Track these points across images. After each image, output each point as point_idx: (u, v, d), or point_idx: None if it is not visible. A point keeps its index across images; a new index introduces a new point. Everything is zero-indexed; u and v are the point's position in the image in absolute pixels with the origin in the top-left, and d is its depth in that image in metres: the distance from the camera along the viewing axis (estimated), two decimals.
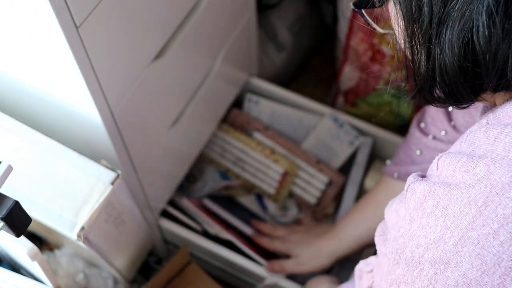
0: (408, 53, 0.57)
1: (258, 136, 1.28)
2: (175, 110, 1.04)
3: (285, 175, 1.24)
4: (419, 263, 0.53)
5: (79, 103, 0.83)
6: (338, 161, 1.29)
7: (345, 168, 1.30)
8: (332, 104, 1.44)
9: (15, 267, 0.96)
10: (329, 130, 1.30)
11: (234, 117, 1.30)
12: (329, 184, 1.26)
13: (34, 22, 0.71)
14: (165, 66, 0.94)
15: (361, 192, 1.26)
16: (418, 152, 0.97)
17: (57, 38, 0.70)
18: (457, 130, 0.92)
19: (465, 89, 0.54)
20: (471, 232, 0.50)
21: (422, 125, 0.98)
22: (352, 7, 0.61)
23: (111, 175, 0.86)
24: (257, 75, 1.35)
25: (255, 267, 1.14)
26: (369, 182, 1.26)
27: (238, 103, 1.33)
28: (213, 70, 1.11)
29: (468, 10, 0.49)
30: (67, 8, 0.68)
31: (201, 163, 1.27)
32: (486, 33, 0.49)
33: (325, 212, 1.26)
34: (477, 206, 0.50)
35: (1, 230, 0.65)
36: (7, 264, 0.98)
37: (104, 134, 0.86)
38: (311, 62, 1.60)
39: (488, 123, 0.55)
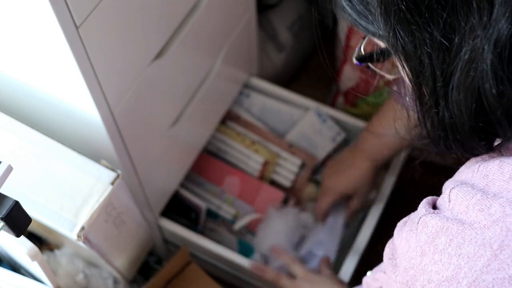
0: (419, 115, 0.55)
1: (231, 124, 1.30)
2: (175, 110, 1.04)
3: (265, 164, 1.25)
4: None
5: (79, 103, 0.83)
6: (319, 156, 1.30)
7: None
8: (332, 104, 1.44)
9: (15, 267, 0.96)
10: (312, 125, 1.31)
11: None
12: (302, 166, 1.28)
13: (34, 22, 0.71)
14: (165, 66, 0.94)
15: None
16: None
17: (57, 38, 0.70)
18: None
19: (480, 145, 0.53)
20: (485, 276, 0.49)
21: None
22: (355, 62, 0.60)
23: (111, 175, 0.85)
24: (257, 75, 1.35)
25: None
26: None
27: None
28: (213, 70, 1.11)
29: (472, 70, 0.47)
30: (67, 8, 0.68)
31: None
32: (494, 91, 0.47)
33: (302, 194, 1.28)
34: (492, 249, 0.49)
35: (1, 230, 0.65)
36: (7, 264, 0.98)
37: (104, 134, 0.86)
38: (311, 62, 1.60)
39: (501, 152, 0.53)
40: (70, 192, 0.84)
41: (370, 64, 0.59)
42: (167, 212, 1.21)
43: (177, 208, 1.24)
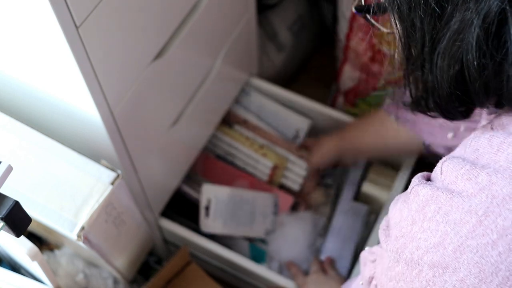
0: (404, 73, 0.57)
1: (238, 129, 1.30)
2: (175, 110, 1.04)
3: (274, 168, 1.25)
4: (418, 264, 0.54)
5: (79, 103, 0.83)
6: None
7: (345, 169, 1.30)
8: (332, 104, 1.44)
9: (15, 267, 0.96)
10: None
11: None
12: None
13: (34, 22, 0.71)
14: (165, 66, 0.94)
15: (358, 193, 1.26)
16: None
17: (57, 38, 0.70)
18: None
19: (458, 112, 0.56)
20: (470, 241, 0.51)
21: None
22: (354, 11, 0.62)
23: (111, 175, 0.86)
24: (257, 75, 1.35)
25: (255, 267, 1.14)
26: (367, 186, 1.26)
27: None
28: (213, 70, 1.11)
29: (458, 40, 0.50)
30: (67, 8, 0.68)
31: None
32: (476, 63, 0.49)
33: (311, 199, 1.28)
34: (478, 216, 0.51)
35: (1, 230, 0.65)
36: (7, 264, 0.98)
37: (104, 134, 0.86)
38: (311, 62, 1.60)
39: (492, 129, 0.56)
40: (70, 192, 0.84)
41: (367, 15, 0.61)
42: (168, 212, 1.21)
43: (182, 207, 1.24)
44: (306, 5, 1.50)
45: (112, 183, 0.85)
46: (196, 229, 1.21)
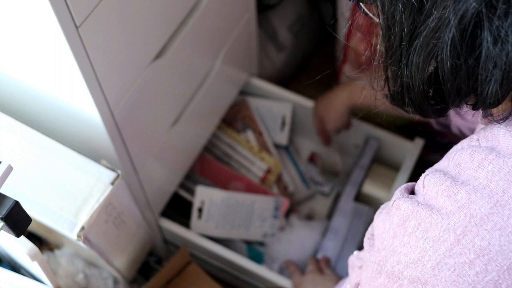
0: (383, 65, 0.57)
1: (249, 135, 1.30)
2: (175, 110, 1.04)
3: (268, 172, 1.25)
4: (399, 278, 0.55)
5: (79, 103, 0.83)
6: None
7: (347, 170, 1.30)
8: None
9: (15, 267, 0.96)
10: None
11: (240, 108, 1.31)
12: None
13: (34, 22, 0.71)
14: (165, 66, 0.94)
15: (360, 194, 1.26)
16: None
17: (57, 38, 0.70)
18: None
19: (430, 109, 0.56)
20: (448, 259, 0.52)
21: None
22: None
23: (111, 175, 0.86)
24: (257, 75, 1.35)
25: (255, 267, 1.14)
26: (367, 186, 1.26)
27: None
28: (213, 70, 1.11)
29: (434, 38, 0.49)
30: (67, 8, 0.68)
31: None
32: (449, 64, 0.49)
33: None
34: (456, 234, 0.51)
35: (1, 230, 0.65)
36: (7, 264, 0.98)
37: (104, 134, 0.86)
38: (311, 62, 1.60)
39: (478, 141, 0.55)
40: (70, 192, 0.84)
41: (360, 3, 0.60)
42: (167, 212, 1.21)
43: (179, 206, 1.24)
44: (306, 5, 1.50)
45: (112, 183, 0.85)
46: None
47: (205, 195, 1.21)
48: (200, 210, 1.21)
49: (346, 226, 1.21)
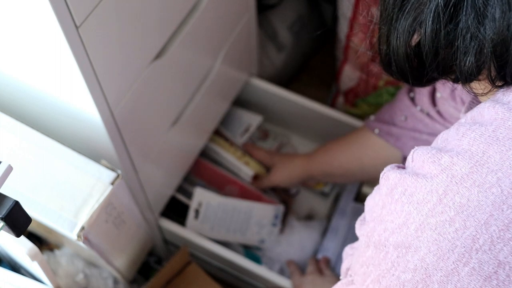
0: (378, 32, 0.62)
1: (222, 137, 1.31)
2: (175, 110, 1.04)
3: (255, 178, 1.25)
4: (385, 246, 0.57)
5: (79, 103, 0.83)
6: None
7: None
8: (332, 104, 1.44)
9: (15, 267, 0.96)
10: None
11: None
12: None
13: (34, 22, 0.71)
14: (165, 66, 0.94)
15: (360, 194, 1.26)
16: (403, 117, 1.00)
17: (57, 38, 0.70)
18: (441, 115, 0.95)
19: (411, 75, 0.60)
20: (430, 219, 0.53)
21: (412, 94, 1.00)
22: None
23: (111, 175, 0.86)
24: (257, 75, 1.35)
25: (255, 267, 1.14)
26: (367, 187, 1.26)
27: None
28: (213, 70, 1.11)
29: (422, 4, 0.54)
30: (67, 8, 0.68)
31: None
32: (429, 30, 0.54)
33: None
34: (438, 194, 0.53)
35: (1, 230, 0.65)
36: (7, 264, 0.98)
37: (104, 134, 0.86)
38: (311, 62, 1.60)
39: (465, 120, 0.59)
40: (70, 192, 0.84)
41: None
42: (167, 212, 1.21)
43: (177, 209, 1.24)
44: (306, 5, 1.50)
45: (112, 183, 0.85)
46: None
47: (202, 197, 1.21)
48: (197, 211, 1.21)
49: (346, 226, 1.21)
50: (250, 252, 1.23)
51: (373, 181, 1.21)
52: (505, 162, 0.52)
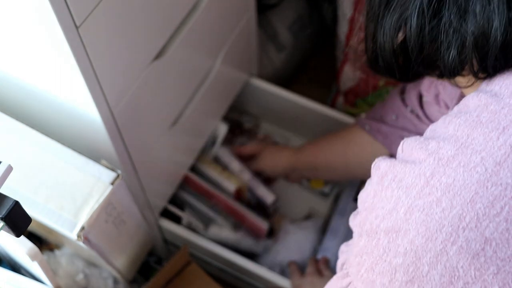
0: (365, 30, 0.64)
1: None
2: (175, 110, 1.04)
3: (238, 192, 1.25)
4: (376, 233, 0.58)
5: (79, 103, 0.83)
6: None
7: None
8: (332, 105, 1.44)
9: (15, 267, 0.96)
10: None
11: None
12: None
13: (34, 22, 0.71)
14: (165, 66, 0.94)
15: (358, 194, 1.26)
16: (394, 116, 1.01)
17: (57, 38, 0.70)
18: (428, 118, 0.97)
19: (398, 70, 0.62)
20: (418, 201, 0.54)
21: (403, 95, 1.01)
22: None
23: (111, 175, 0.86)
24: (257, 75, 1.35)
25: (255, 267, 1.14)
26: None
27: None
28: (213, 70, 1.11)
29: (407, 1, 0.56)
30: (67, 8, 0.68)
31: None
32: (415, 25, 0.56)
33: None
34: (425, 177, 0.54)
35: (1, 230, 0.65)
36: (7, 264, 0.98)
37: (104, 134, 0.86)
38: (311, 62, 1.60)
39: (452, 111, 0.60)
40: (70, 192, 0.84)
41: None
42: (167, 212, 1.21)
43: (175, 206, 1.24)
44: (306, 5, 1.50)
45: (112, 183, 0.85)
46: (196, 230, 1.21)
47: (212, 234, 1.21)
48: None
49: (346, 226, 1.21)
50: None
51: (361, 180, 1.23)
52: (488, 143, 0.53)
